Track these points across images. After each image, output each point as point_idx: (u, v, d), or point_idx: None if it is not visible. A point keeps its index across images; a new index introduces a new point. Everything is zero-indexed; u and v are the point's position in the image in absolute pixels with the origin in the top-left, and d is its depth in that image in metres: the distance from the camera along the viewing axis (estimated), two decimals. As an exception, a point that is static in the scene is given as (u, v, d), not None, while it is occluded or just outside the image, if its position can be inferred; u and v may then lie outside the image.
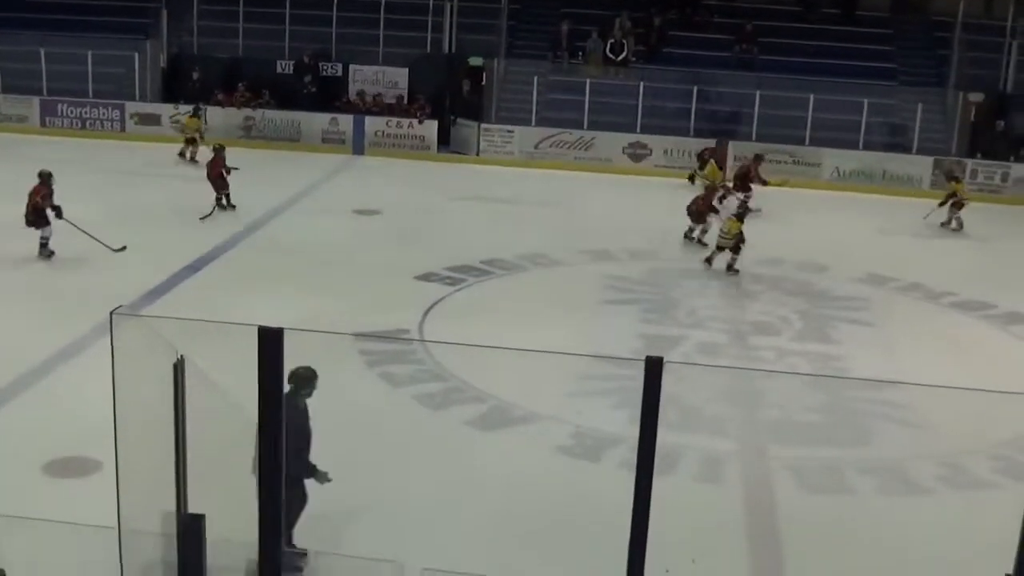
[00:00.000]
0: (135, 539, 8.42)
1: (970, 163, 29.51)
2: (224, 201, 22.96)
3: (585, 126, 30.47)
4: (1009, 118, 30.85)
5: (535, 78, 31.06)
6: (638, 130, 30.34)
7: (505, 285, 19.49)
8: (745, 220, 21.10)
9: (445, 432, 13.44)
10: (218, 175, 22.95)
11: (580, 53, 32.43)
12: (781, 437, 13.96)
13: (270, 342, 4.84)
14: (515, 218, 24.01)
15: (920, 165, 29.26)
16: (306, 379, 10.06)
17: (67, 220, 19.04)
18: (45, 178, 19.19)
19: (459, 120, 30.89)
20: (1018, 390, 5.58)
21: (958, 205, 25.90)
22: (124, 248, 19.44)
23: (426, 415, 13.89)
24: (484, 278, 19.62)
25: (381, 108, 31.11)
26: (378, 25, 32.33)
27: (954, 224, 25.61)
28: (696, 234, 22.82)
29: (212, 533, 7.94)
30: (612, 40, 32.23)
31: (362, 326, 16.32)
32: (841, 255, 22.36)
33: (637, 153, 30.05)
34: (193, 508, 6.83)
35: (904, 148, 30.09)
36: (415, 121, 30.61)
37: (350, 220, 22.82)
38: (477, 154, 30.31)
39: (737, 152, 29.45)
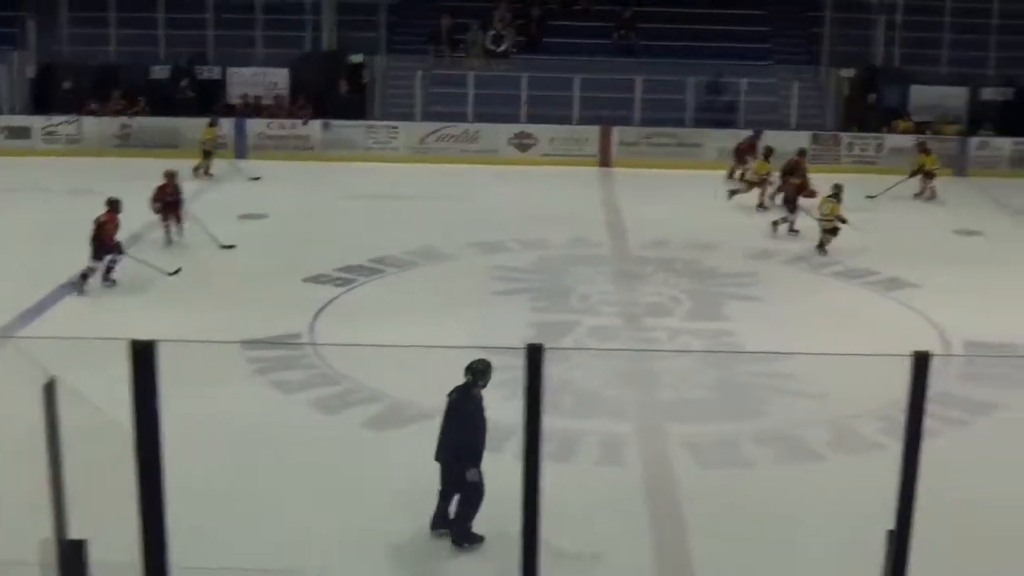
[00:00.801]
0: (11, 571, 8.25)
1: (846, 136, 30.20)
2: (170, 231, 21.43)
3: (470, 119, 30.56)
4: (880, 91, 31.57)
5: (417, 73, 31.09)
6: (523, 120, 30.51)
7: (396, 282, 19.49)
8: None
9: (342, 435, 13.34)
10: (168, 205, 21.30)
11: (461, 46, 32.51)
12: (678, 415, 14.14)
13: (142, 356, 4.80)
14: (403, 214, 23.99)
15: (799, 140, 29.72)
16: (482, 371, 10.50)
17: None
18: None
19: (337, 121, 30.61)
20: (901, 351, 5.75)
21: (929, 175, 26.86)
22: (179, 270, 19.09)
23: (322, 420, 13.80)
24: (374, 277, 19.60)
25: (262, 110, 30.87)
26: (255, 26, 32.10)
27: (927, 194, 26.64)
28: (790, 222, 23.18)
29: (96, 558, 7.84)
30: (493, 32, 32.38)
31: (251, 333, 16.13)
32: (728, 233, 22.75)
33: (523, 143, 30.20)
34: (74, 534, 6.74)
35: (783, 125, 30.60)
36: (298, 122, 30.42)
37: (235, 226, 22.53)
38: (363, 152, 30.18)
39: (624, 137, 29.79)
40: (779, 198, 24.38)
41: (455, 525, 10.72)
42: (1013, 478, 12.48)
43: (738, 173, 27.67)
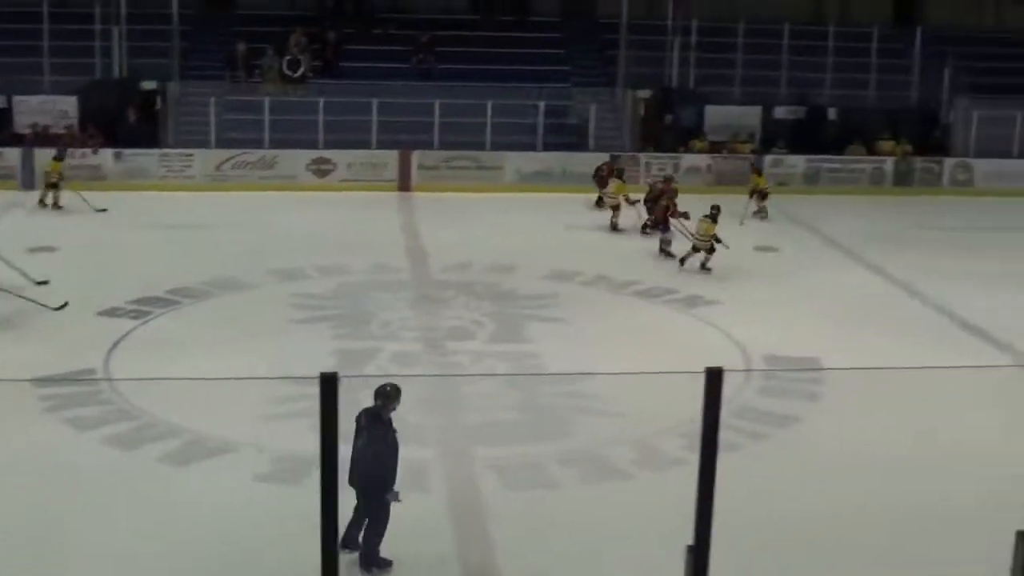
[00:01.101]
0: None
1: (643, 156, 30.65)
2: None
3: (267, 145, 30.09)
4: (676, 112, 32.19)
5: (212, 99, 30.46)
6: (321, 146, 30.17)
7: (193, 313, 19.00)
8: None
9: (140, 472, 12.91)
10: None
11: (257, 72, 32.04)
12: (483, 439, 14.03)
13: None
14: (200, 243, 23.46)
15: (597, 162, 30.13)
16: (391, 395, 10.59)
17: None
18: None
19: (128, 150, 29.71)
20: (700, 368, 5.74)
21: (762, 195, 27.52)
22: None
23: (118, 456, 13.32)
24: (171, 308, 19.07)
25: (52, 139, 29.80)
26: (41, 52, 31.04)
27: (762, 213, 27.40)
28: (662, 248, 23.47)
29: None
30: (288, 57, 32.01)
31: (43, 370, 15.51)
32: (528, 255, 22.84)
33: (321, 169, 29.87)
34: None
35: (581, 147, 30.93)
36: (88, 151, 29.50)
37: (25, 260, 21.63)
38: (157, 180, 29.42)
39: (424, 161, 29.72)
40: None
41: (363, 550, 10.69)
42: (813, 490, 12.74)
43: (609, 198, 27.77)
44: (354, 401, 14.33)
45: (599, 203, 27.94)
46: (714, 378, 5.31)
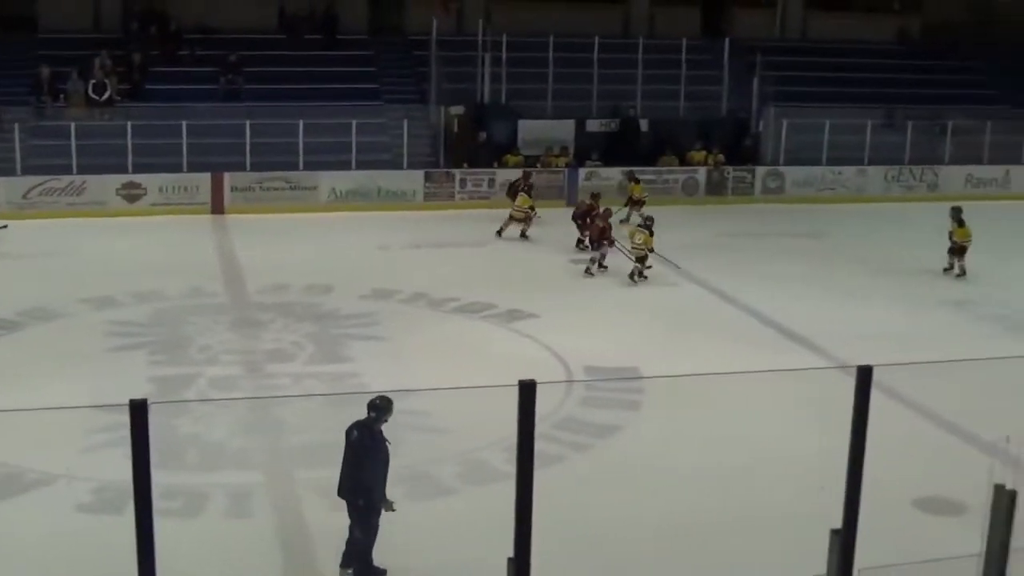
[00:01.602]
0: None
1: (458, 173, 30.74)
2: None
3: (75, 170, 29.27)
4: (489, 128, 32.36)
5: (16, 125, 29.53)
6: (130, 170, 29.49)
7: (5, 345, 18.43)
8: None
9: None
10: None
11: (63, 96, 31.21)
12: (306, 461, 13.90)
13: None
14: (8, 273, 22.74)
15: (412, 179, 30.19)
16: (383, 407, 10.80)
17: None
18: None
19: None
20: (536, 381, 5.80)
21: (639, 204, 28.07)
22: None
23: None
24: (-21, 340, 18.50)
25: None
26: None
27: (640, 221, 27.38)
28: (597, 262, 23.72)
29: None
30: (94, 80, 31.23)
31: None
32: (346, 274, 22.73)
33: (132, 193, 29.19)
34: None
35: (395, 164, 30.90)
36: None
37: None
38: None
39: (236, 183, 29.30)
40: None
41: (357, 561, 10.89)
42: (636, 498, 12.94)
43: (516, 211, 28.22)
44: (171, 427, 14.21)
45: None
46: (527, 391, 5.36)
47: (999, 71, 38.06)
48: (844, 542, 6.31)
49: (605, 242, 23.86)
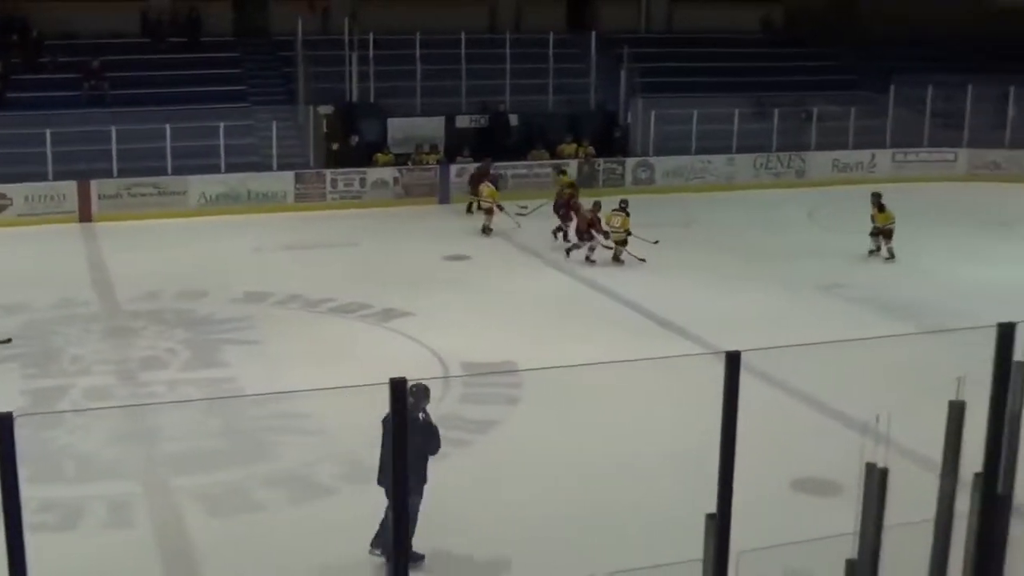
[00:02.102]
0: None
1: (329, 173, 30.55)
2: None
3: (-64, 183, 28.52)
4: (359, 127, 32.20)
5: None
6: (-5, 180, 28.82)
7: None
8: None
9: None
10: None
11: (-80, 108, 30.38)
12: (184, 468, 13.75)
13: None
14: None
15: (283, 181, 29.95)
16: (421, 393, 11.17)
17: None
18: None
19: None
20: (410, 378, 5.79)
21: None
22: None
23: None
24: None
25: None
26: None
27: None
28: (584, 251, 24.38)
29: None
30: (-49, 90, 30.49)
31: None
32: (219, 279, 22.48)
33: (-3, 204, 28.57)
34: None
35: (265, 167, 30.62)
36: None
37: None
38: None
39: (104, 190, 28.77)
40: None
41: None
42: (518, 491, 13.02)
43: (476, 204, 28.90)
44: (46, 439, 13.95)
45: (470, 209, 29.23)
46: (398, 388, 5.38)
47: (861, 57, 38.83)
48: (719, 526, 6.40)
49: (593, 232, 24.41)
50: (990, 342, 6.92)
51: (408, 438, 10.39)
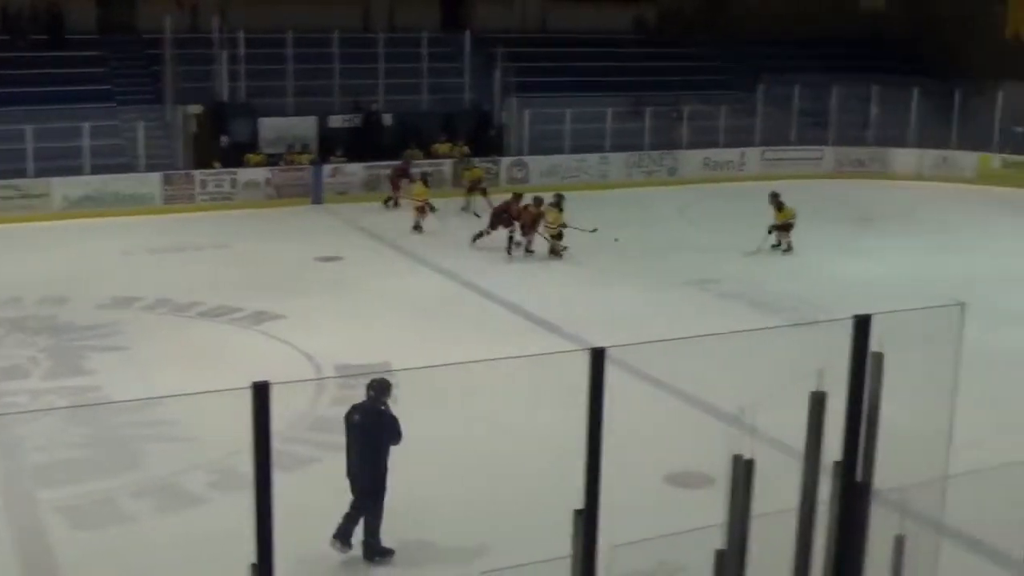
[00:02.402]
0: None
1: (198, 174, 29.98)
2: None
3: None
4: (229, 126, 31.66)
5: None
6: None
7: None
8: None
9: None
10: None
11: None
12: (47, 480, 13.31)
13: None
14: None
15: (150, 183, 29.32)
16: (383, 387, 11.36)
17: None
18: None
19: None
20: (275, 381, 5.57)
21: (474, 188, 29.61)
22: None
23: None
24: None
25: None
26: None
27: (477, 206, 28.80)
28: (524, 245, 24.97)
29: None
30: None
31: None
32: (83, 284, 21.89)
33: None
34: None
35: (131, 168, 29.92)
36: None
37: None
38: None
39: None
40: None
41: (366, 542, 11.26)
42: (389, 493, 12.78)
43: (392, 200, 29.47)
44: None
45: (387, 203, 29.70)
46: (260, 393, 5.14)
47: (731, 57, 39.33)
48: (587, 521, 6.36)
49: (536, 228, 24.90)
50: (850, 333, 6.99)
51: (373, 432, 11.04)
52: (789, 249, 25.33)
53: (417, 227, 27.18)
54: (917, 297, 20.10)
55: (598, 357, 6.22)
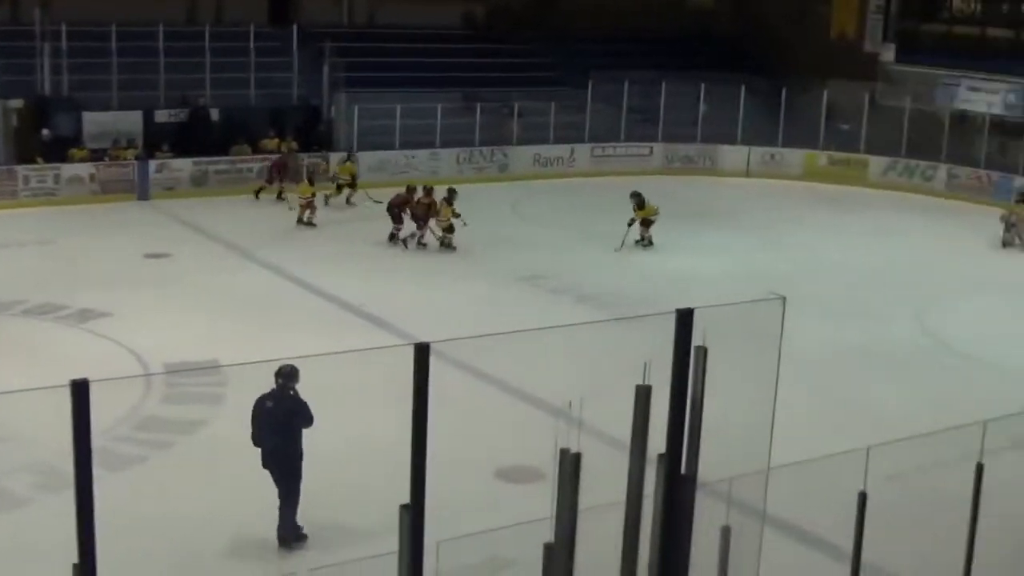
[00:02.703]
0: None
1: (21, 169, 29.27)
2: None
3: None
4: (52, 121, 30.96)
5: None
6: None
7: None
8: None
9: None
10: None
11: None
12: None
13: None
14: None
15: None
16: (291, 374, 11.80)
17: None
18: None
19: None
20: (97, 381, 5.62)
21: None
22: None
23: None
24: None
25: None
26: None
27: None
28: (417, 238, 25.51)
29: None
30: None
31: None
32: None
33: None
34: None
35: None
36: None
37: None
38: None
39: None
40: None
41: (283, 526, 11.64)
42: (222, 490, 12.80)
43: (279, 194, 30.01)
44: None
45: (257, 195, 30.35)
46: (80, 390, 5.20)
47: (561, 54, 39.70)
48: (413, 516, 6.44)
49: (431, 219, 25.39)
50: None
51: (285, 418, 11.60)
52: (650, 244, 26.05)
53: (306, 222, 27.37)
54: (742, 292, 20.49)
55: (422, 352, 6.31)
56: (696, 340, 7.22)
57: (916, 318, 21.63)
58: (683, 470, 7.51)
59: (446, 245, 25.29)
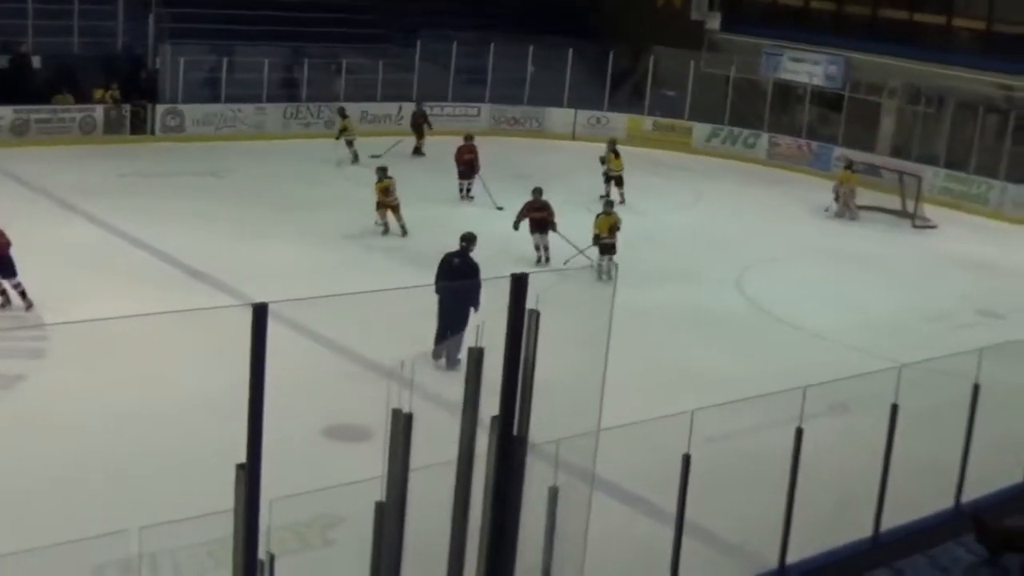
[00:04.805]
0: None
1: None
2: None
3: None
4: None
5: None
6: None
7: None
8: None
9: None
10: None
11: None
12: None
13: None
14: None
15: None
16: (472, 238, 17.02)
17: None
18: None
19: None
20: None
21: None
22: None
23: None
24: None
25: None
26: None
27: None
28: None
29: None
30: None
31: None
32: None
33: None
34: None
35: None
36: None
37: None
38: None
39: None
40: None
41: (453, 354, 14.21)
42: (44, 446, 12.61)
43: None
44: None
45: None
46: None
47: (390, 12, 39.43)
48: (249, 475, 6.50)
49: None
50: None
51: (463, 270, 16.50)
52: (623, 201, 27.49)
53: None
54: (571, 257, 21.00)
55: (260, 313, 6.32)
56: (530, 304, 7.38)
57: (737, 283, 22.25)
58: (515, 431, 7.69)
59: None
